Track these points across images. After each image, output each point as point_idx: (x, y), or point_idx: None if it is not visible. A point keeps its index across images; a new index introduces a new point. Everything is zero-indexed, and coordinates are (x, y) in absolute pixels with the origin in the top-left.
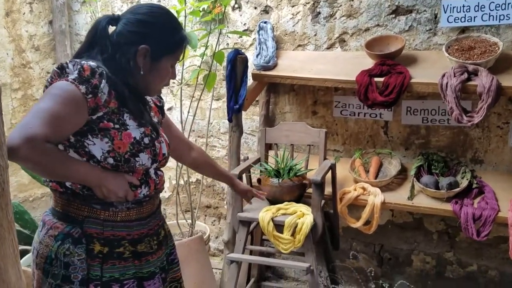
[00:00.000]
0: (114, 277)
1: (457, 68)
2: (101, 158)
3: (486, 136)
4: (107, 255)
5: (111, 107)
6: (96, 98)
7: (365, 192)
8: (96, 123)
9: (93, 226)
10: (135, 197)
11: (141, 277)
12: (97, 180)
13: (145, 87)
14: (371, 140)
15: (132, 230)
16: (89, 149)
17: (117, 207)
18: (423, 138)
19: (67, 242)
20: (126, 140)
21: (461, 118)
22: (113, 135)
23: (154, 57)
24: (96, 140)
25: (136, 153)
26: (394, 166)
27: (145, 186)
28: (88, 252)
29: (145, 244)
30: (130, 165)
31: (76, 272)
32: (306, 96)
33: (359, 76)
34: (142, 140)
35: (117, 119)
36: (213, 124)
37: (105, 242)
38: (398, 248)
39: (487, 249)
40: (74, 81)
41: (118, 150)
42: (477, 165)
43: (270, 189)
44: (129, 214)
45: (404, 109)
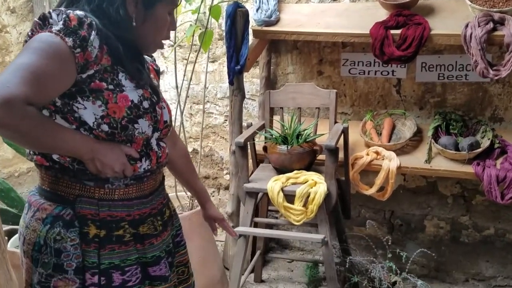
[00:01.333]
0: (114, 264)
1: (481, 17)
2: (94, 125)
3: (506, 92)
4: (105, 239)
5: (103, 64)
6: (85, 52)
7: (378, 157)
8: (87, 83)
9: (86, 206)
10: (135, 172)
11: (145, 262)
12: (89, 152)
13: (141, 42)
14: (382, 100)
15: (132, 210)
16: (79, 114)
17: (114, 184)
18: (438, 96)
19: (57, 226)
20: (122, 104)
21: (486, 72)
22: (107, 97)
23: (147, 3)
24: (88, 104)
25: (134, 119)
26: (409, 128)
27: (145, 159)
28: (82, 236)
29: (148, 225)
30: (128, 133)
31: (69, 260)
32: (311, 55)
33: (374, 29)
34: (141, 103)
35: (111, 79)
36: (209, 88)
37: (102, 224)
38: (410, 214)
39: (505, 212)
40: (59, 33)
41: (114, 115)
42: (497, 123)
43: (278, 157)
44: (128, 192)
45: (419, 65)
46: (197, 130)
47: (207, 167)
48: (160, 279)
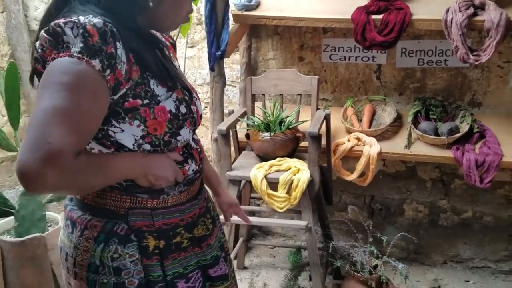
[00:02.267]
0: (178, 273)
1: (462, 2)
2: (134, 147)
3: (485, 77)
4: (165, 249)
5: (134, 78)
6: (115, 72)
7: (359, 143)
8: (120, 104)
9: (140, 218)
10: (185, 176)
11: (204, 265)
12: (142, 170)
13: (159, 23)
14: (363, 86)
15: (184, 214)
16: (116, 139)
17: (169, 194)
18: (418, 81)
19: (113, 243)
20: (162, 118)
21: (467, 57)
22: (144, 114)
23: None
24: (124, 126)
25: (176, 132)
26: (389, 113)
27: (190, 159)
28: (141, 250)
29: (201, 226)
30: (171, 147)
31: (131, 277)
32: (291, 40)
33: (355, 14)
34: (179, 110)
35: (144, 92)
36: (188, 75)
37: (159, 234)
38: (389, 198)
39: (483, 195)
40: (83, 56)
41: (155, 132)
42: (475, 108)
43: (260, 145)
44: (180, 197)
45: (399, 50)
46: None
47: None
48: (221, 278)
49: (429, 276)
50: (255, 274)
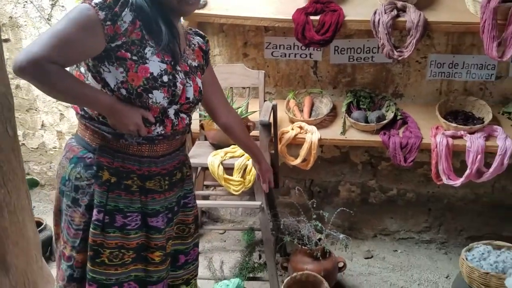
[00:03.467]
0: (118, 207)
1: (387, 5)
2: (115, 88)
3: (406, 71)
4: (114, 184)
5: (132, 37)
6: (115, 25)
7: (302, 131)
8: (114, 51)
9: (105, 155)
10: (148, 134)
11: (146, 213)
12: (108, 109)
13: (179, 8)
14: (302, 80)
15: (143, 166)
16: (103, 76)
17: (127, 140)
18: (349, 76)
19: (79, 166)
20: (141, 74)
21: (392, 53)
22: (129, 66)
23: None
24: (112, 68)
25: (149, 89)
26: (325, 105)
27: (160, 125)
28: (96, 178)
29: (154, 182)
30: (142, 100)
31: (84, 196)
32: (236, 38)
33: (296, 15)
34: (161, 77)
35: (137, 51)
36: None
37: (114, 172)
38: (326, 181)
39: (406, 174)
40: (96, 6)
41: (132, 82)
42: (398, 99)
43: (215, 134)
44: (141, 150)
45: (333, 48)
46: None
47: None
48: (155, 229)
49: (362, 248)
50: (208, 257)
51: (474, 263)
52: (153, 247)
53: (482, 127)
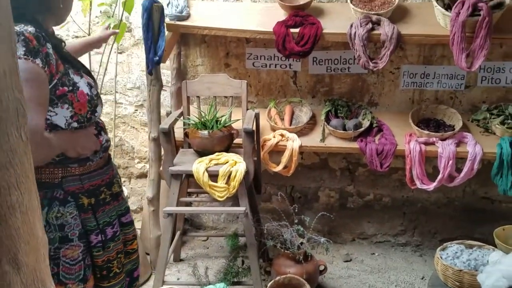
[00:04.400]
0: (107, 222)
1: (362, 18)
2: (65, 125)
3: (380, 81)
4: (95, 204)
5: (60, 70)
6: (50, 67)
7: (283, 138)
8: (53, 92)
9: (72, 184)
10: (101, 144)
11: (120, 214)
12: (71, 144)
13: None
14: (282, 90)
15: (104, 176)
16: (51, 121)
17: (93, 160)
18: (327, 86)
19: (55, 206)
20: (83, 100)
21: (367, 64)
22: (71, 98)
23: None
24: (57, 110)
25: (94, 109)
26: (305, 113)
27: (102, 131)
28: (79, 208)
29: (115, 184)
30: (91, 122)
31: (72, 230)
32: (218, 48)
33: (276, 27)
34: (92, 92)
35: (68, 80)
36: (118, 79)
37: (89, 194)
38: (306, 187)
39: (381, 180)
40: (29, 57)
41: (80, 112)
42: (373, 107)
43: (200, 141)
44: (99, 163)
45: (311, 59)
46: (106, 121)
47: (117, 157)
48: (129, 224)
49: (342, 252)
50: (191, 265)
51: (448, 261)
52: (131, 239)
53: (453, 134)
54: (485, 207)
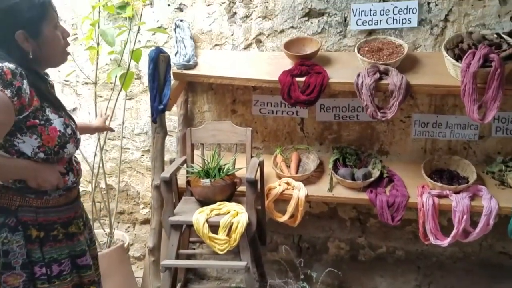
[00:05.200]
0: (53, 258)
1: (370, 68)
2: (32, 154)
3: (390, 130)
4: (44, 238)
5: (35, 105)
6: (21, 99)
7: (289, 187)
8: (24, 122)
9: (27, 214)
10: (65, 184)
11: (74, 255)
12: (32, 173)
13: (47, 63)
14: (289, 136)
15: (62, 214)
16: (19, 147)
17: (51, 195)
18: (335, 133)
19: (4, 231)
20: (53, 134)
21: (375, 114)
22: (41, 131)
23: (34, 34)
24: (26, 138)
25: (63, 145)
26: (312, 161)
27: (71, 172)
28: (26, 238)
29: (74, 225)
30: (59, 157)
31: (16, 258)
32: (225, 95)
33: (282, 76)
34: (66, 131)
35: (41, 115)
36: (126, 125)
37: (40, 227)
38: (315, 237)
39: (394, 232)
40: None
41: (48, 144)
42: (384, 156)
43: (201, 190)
44: (59, 200)
45: (318, 106)
46: (112, 166)
47: (122, 202)
48: (86, 267)
49: None
50: None
51: None
52: (87, 283)
53: (467, 187)
54: (503, 262)
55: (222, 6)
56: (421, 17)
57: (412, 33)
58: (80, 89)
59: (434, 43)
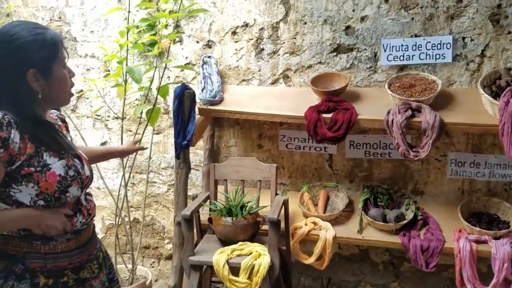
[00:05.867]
0: None
1: (401, 105)
2: (31, 203)
3: (425, 169)
4: (53, 286)
5: (29, 152)
6: (8, 150)
7: (316, 227)
8: (17, 172)
9: (35, 261)
10: (73, 227)
11: None
12: (34, 221)
13: (54, 102)
14: (317, 173)
15: (73, 259)
16: (16, 198)
17: (57, 240)
18: (366, 171)
19: (11, 279)
20: (52, 180)
21: (407, 153)
22: (37, 178)
23: (45, 73)
24: (21, 187)
25: (65, 189)
26: (341, 199)
27: (79, 214)
28: (33, 286)
29: (87, 270)
30: (61, 202)
31: None
32: (251, 130)
33: (308, 112)
34: (67, 174)
35: (37, 162)
36: (153, 159)
37: (49, 274)
38: (345, 281)
39: (430, 277)
40: None
41: (46, 191)
42: (418, 196)
43: (223, 229)
44: (69, 245)
45: (348, 143)
46: (139, 200)
47: (147, 237)
48: None
49: None
50: None
51: None
52: None
53: (508, 232)
54: None
55: (249, 42)
56: (456, 52)
57: (446, 68)
58: (111, 123)
59: (470, 79)
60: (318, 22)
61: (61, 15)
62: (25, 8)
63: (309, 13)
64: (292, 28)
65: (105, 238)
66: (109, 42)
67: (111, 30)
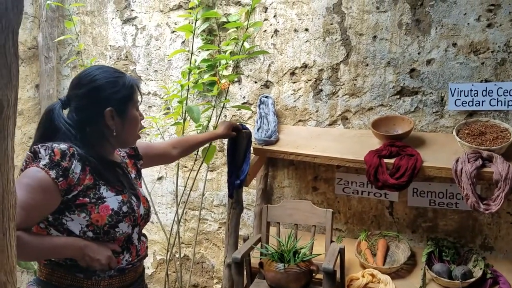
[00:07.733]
0: None
1: (471, 153)
2: (80, 233)
3: (496, 222)
4: None
5: (86, 183)
6: (67, 180)
7: (374, 280)
8: (72, 201)
9: None
10: (118, 264)
11: None
12: (80, 251)
13: (124, 142)
14: (376, 220)
15: None
16: (67, 226)
17: (100, 276)
18: (430, 221)
19: None
20: (104, 213)
21: (477, 205)
22: (90, 209)
23: (121, 112)
24: (74, 216)
25: (115, 224)
26: (402, 251)
27: (126, 252)
28: None
29: None
30: (110, 236)
31: None
32: (306, 171)
33: (368, 157)
34: (121, 209)
35: (93, 194)
36: (206, 196)
37: None
38: None
39: None
40: (45, 167)
41: (96, 223)
42: (487, 252)
43: (274, 276)
44: (112, 283)
45: (411, 190)
46: (190, 236)
47: (197, 275)
48: None
49: None
50: None
51: None
52: None
53: None
54: None
55: (308, 83)
56: None
57: None
58: None
59: None
60: (381, 64)
61: (127, 54)
62: (94, 47)
63: (372, 55)
64: (353, 69)
65: (155, 274)
66: (171, 81)
67: (174, 70)
